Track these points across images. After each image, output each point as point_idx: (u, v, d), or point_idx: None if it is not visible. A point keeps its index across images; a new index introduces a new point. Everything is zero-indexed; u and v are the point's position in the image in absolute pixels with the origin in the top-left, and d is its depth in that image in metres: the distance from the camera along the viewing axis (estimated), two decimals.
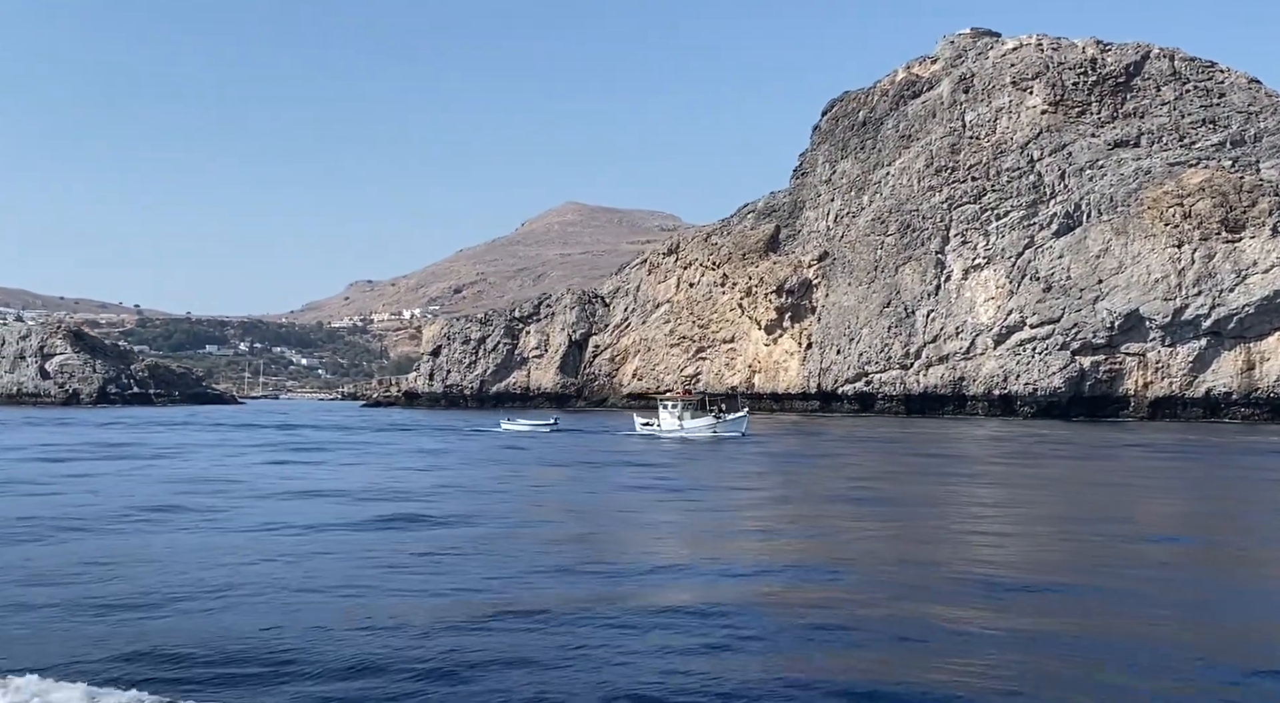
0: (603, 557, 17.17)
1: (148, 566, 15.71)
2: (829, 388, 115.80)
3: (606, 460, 41.28)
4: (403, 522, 21.30)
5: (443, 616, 12.40)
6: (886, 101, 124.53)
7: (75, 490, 27.41)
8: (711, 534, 20.76)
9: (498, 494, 27.94)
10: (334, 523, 20.94)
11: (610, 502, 26.48)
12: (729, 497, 27.93)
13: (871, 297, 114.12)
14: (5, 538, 18.48)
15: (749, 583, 15.04)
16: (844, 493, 28.84)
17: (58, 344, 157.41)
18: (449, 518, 22.00)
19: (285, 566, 15.87)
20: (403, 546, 18.03)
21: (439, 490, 28.66)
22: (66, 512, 22.31)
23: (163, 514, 22.28)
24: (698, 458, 43.98)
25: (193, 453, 44.80)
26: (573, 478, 33.75)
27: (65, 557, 16.54)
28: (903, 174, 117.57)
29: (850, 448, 51.70)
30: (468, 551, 17.54)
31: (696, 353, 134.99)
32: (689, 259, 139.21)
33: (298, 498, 26.15)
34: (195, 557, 16.59)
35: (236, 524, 20.74)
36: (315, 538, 18.88)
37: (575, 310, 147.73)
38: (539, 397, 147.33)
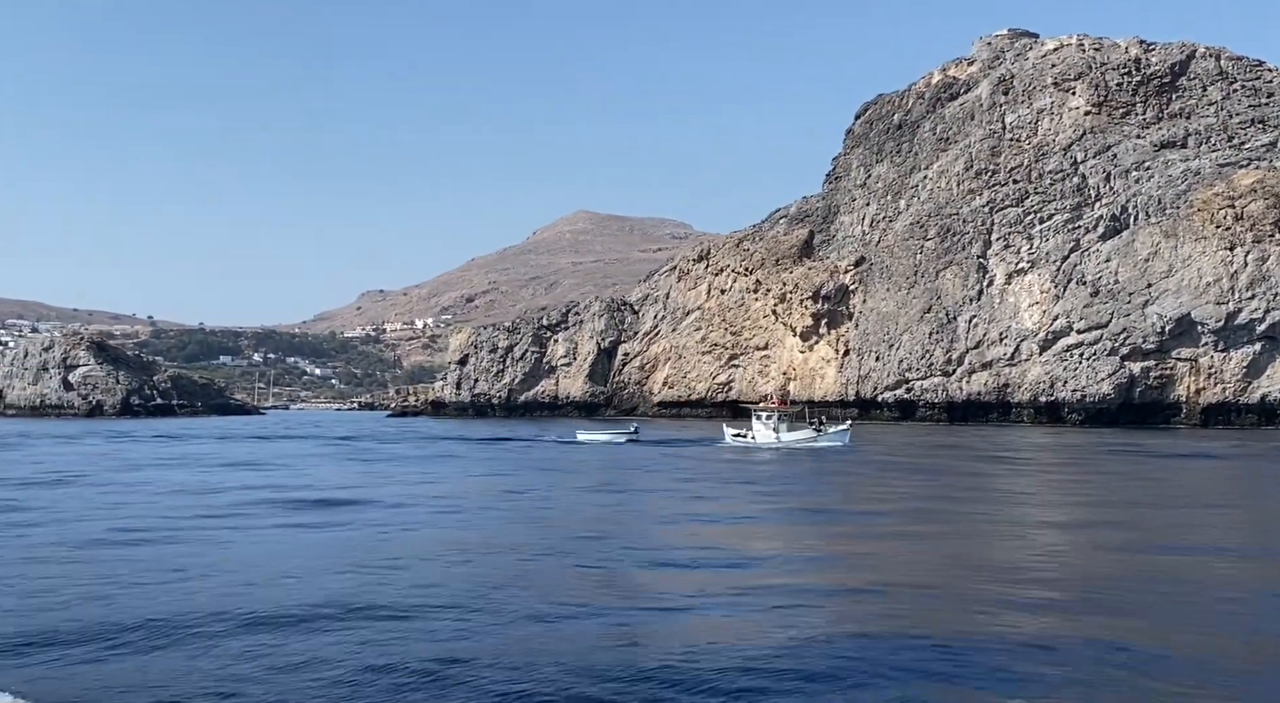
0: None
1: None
2: (868, 395, 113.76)
3: (728, 476, 38.61)
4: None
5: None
6: (923, 104, 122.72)
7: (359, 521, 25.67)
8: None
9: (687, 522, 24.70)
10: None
11: (820, 533, 23.77)
12: (941, 521, 25.03)
13: (911, 302, 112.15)
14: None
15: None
16: (1082, 518, 25.88)
17: (80, 355, 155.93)
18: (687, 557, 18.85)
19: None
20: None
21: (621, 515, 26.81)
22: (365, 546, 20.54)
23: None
24: (825, 474, 40.58)
25: (309, 464, 43.43)
26: (718, 495, 31.52)
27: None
28: (941, 177, 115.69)
29: (970, 461, 48.05)
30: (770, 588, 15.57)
31: (729, 360, 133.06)
32: (720, 265, 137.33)
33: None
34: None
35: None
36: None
37: (604, 318, 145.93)
38: (568, 405, 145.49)
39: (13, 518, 24.02)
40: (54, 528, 22.43)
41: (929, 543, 21.34)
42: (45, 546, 19.84)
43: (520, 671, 10.94)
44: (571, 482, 36.89)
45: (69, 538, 20.85)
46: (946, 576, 17.12)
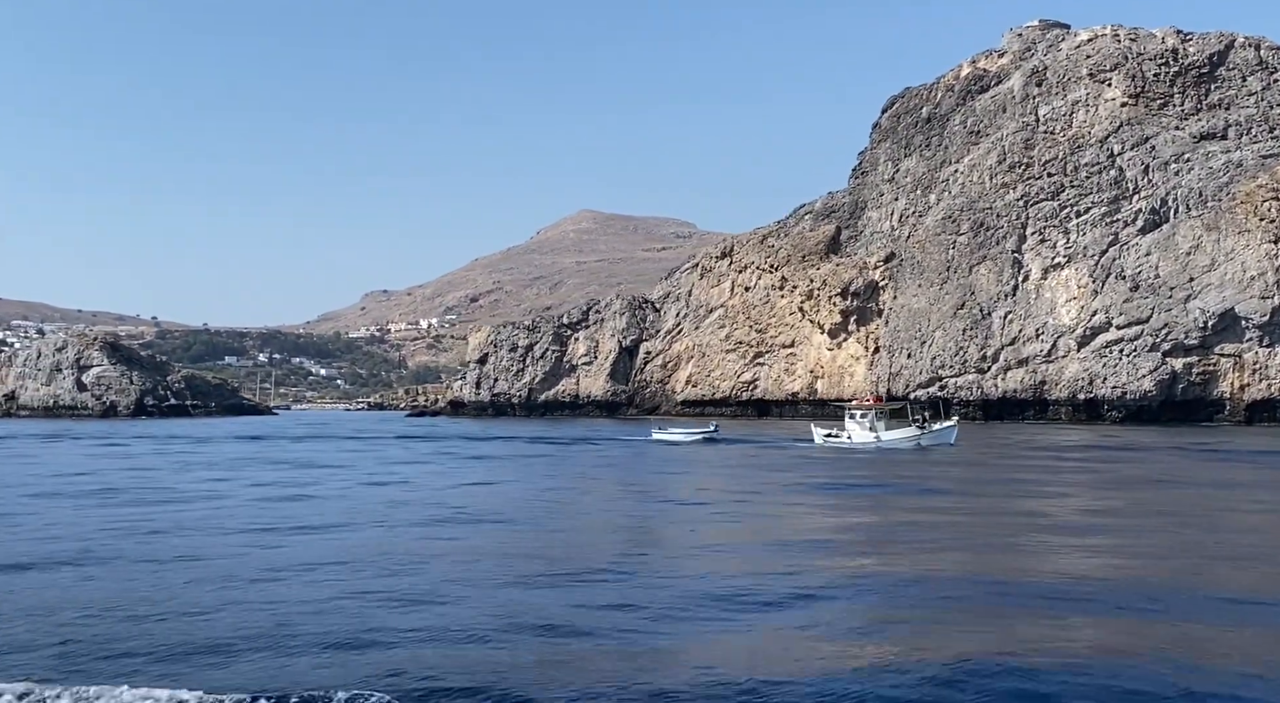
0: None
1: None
2: (900, 392, 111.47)
3: (886, 478, 35.97)
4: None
5: None
6: (952, 97, 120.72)
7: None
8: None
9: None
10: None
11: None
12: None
13: (944, 298, 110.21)
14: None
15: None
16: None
17: (94, 356, 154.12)
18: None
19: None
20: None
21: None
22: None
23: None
24: (974, 478, 36.66)
25: (418, 469, 41.77)
26: (877, 505, 29.36)
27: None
28: (973, 171, 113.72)
29: (1108, 463, 44.47)
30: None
31: (754, 358, 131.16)
32: (744, 262, 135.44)
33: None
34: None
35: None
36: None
37: (625, 316, 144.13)
38: (589, 405, 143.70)
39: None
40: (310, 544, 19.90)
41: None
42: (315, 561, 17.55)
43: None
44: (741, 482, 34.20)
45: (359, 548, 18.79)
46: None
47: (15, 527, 21.85)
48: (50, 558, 17.32)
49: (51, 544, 19.09)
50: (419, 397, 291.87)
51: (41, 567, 16.48)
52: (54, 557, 17.46)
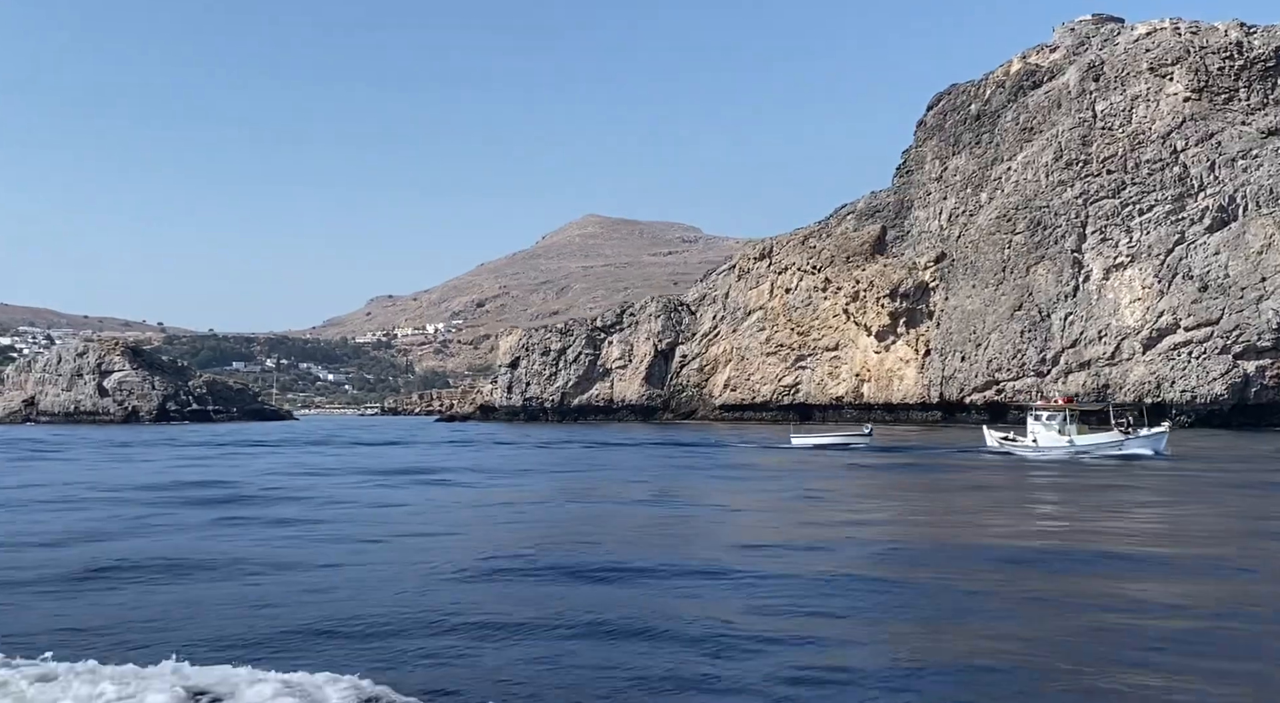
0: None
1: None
2: (953, 397, 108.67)
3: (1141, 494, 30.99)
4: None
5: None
6: (1003, 93, 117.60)
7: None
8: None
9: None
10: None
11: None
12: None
13: (1000, 299, 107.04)
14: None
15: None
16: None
17: (115, 361, 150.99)
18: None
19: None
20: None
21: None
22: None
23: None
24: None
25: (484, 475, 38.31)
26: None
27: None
28: (1027, 169, 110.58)
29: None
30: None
31: (796, 362, 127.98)
32: (784, 263, 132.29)
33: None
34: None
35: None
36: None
37: (660, 319, 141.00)
38: (623, 409, 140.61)
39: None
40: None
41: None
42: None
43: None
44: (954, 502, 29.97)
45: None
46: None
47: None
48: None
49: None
50: (434, 401, 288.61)
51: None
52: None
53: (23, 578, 15.42)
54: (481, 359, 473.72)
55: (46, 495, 30.03)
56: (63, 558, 17.44)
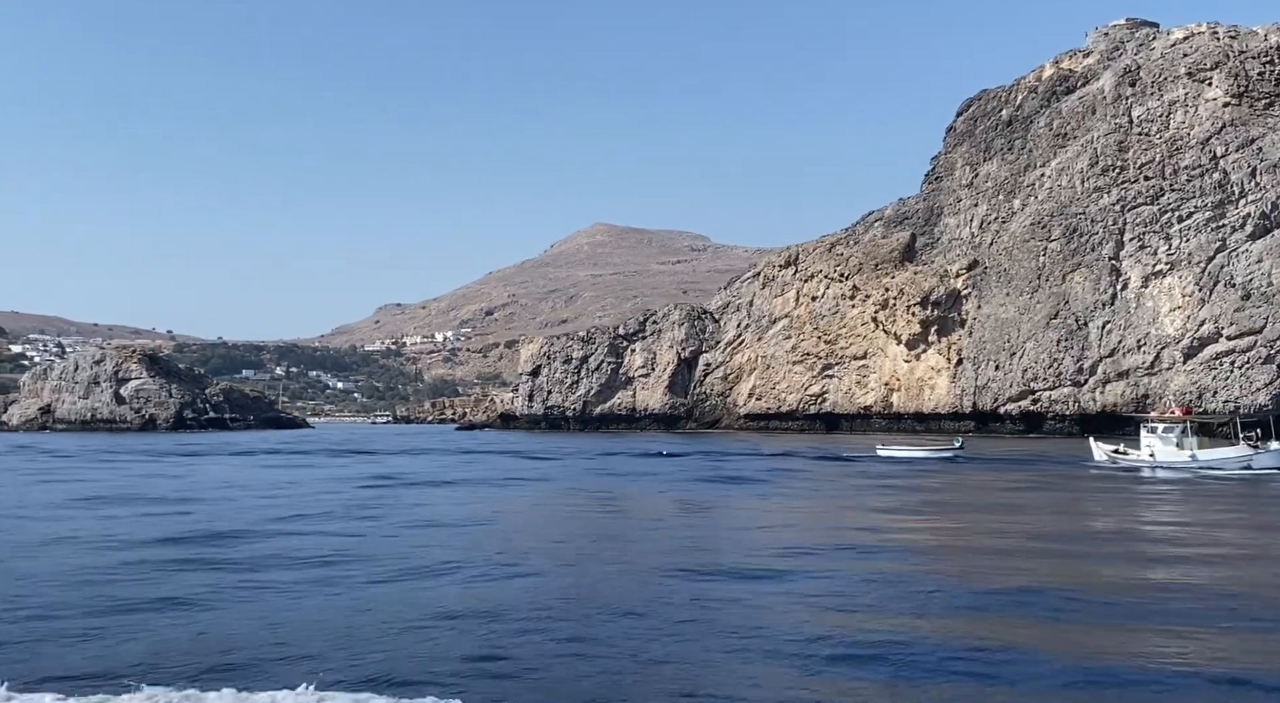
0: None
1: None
2: (987, 407, 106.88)
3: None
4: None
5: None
6: (1035, 99, 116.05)
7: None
8: None
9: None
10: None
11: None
12: None
13: (1035, 307, 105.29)
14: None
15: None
16: None
17: (132, 368, 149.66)
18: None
19: None
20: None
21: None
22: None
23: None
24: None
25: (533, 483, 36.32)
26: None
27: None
28: (1061, 175, 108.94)
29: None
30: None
31: (822, 371, 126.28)
32: (810, 271, 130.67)
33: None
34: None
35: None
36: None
37: (684, 327, 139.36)
38: (645, 418, 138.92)
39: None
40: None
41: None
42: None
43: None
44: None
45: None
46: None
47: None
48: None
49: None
50: (446, 410, 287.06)
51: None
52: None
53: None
54: (490, 368, 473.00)
55: (319, 500, 28.43)
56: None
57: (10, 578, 17.07)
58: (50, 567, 18.45)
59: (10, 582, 16.64)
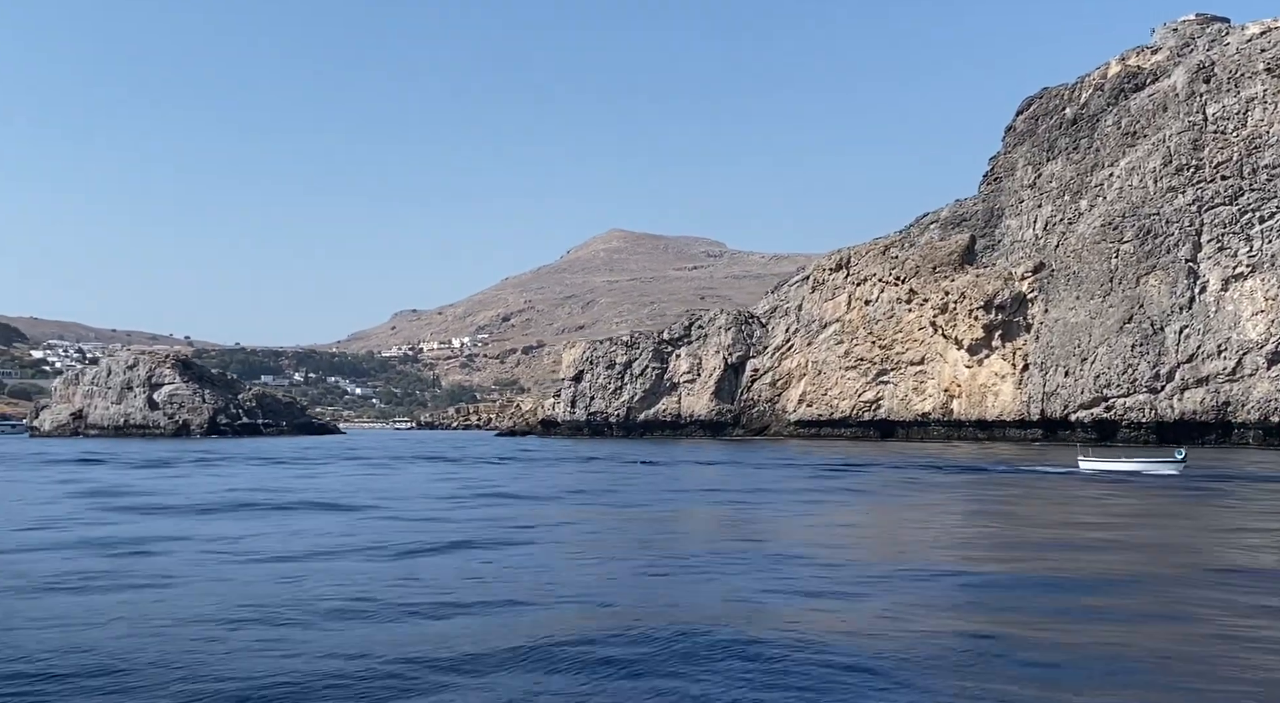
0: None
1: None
2: (1056, 414, 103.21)
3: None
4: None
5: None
6: (1101, 97, 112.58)
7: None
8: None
9: None
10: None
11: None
12: None
13: (1108, 311, 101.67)
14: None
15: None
16: None
17: (166, 373, 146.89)
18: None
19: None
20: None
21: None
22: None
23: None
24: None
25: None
26: None
27: None
28: (1132, 174, 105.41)
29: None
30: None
31: (877, 376, 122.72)
32: (863, 274, 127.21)
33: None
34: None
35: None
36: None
37: (731, 332, 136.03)
38: (691, 425, 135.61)
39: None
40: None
41: None
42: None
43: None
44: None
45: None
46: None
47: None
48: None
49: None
50: (470, 416, 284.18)
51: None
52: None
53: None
54: (508, 374, 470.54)
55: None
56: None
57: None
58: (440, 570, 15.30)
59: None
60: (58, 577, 16.59)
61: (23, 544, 21.11)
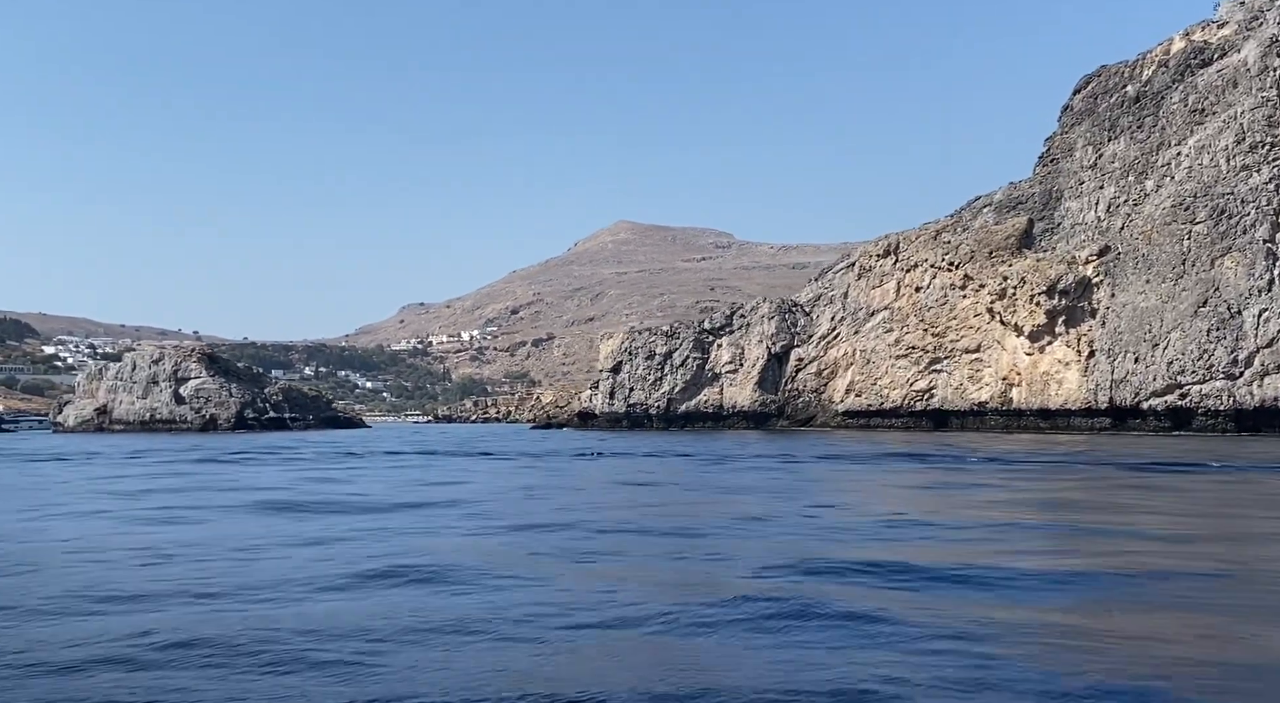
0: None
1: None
2: (1126, 402, 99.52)
3: None
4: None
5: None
6: (1166, 73, 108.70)
7: None
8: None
9: None
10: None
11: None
12: None
13: (1180, 294, 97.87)
14: None
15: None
16: None
17: (192, 367, 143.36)
18: None
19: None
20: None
21: None
22: None
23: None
24: None
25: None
26: None
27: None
28: (1202, 153, 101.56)
29: None
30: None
31: (930, 365, 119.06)
32: (913, 260, 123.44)
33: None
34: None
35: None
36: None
37: (774, 321, 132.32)
38: (733, 416, 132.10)
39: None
40: None
41: None
42: None
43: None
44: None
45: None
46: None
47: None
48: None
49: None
50: (489, 409, 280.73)
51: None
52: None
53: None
54: (519, 366, 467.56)
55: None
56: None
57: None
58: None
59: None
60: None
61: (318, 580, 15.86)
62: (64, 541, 19.47)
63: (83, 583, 14.25)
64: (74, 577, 14.85)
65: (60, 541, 19.52)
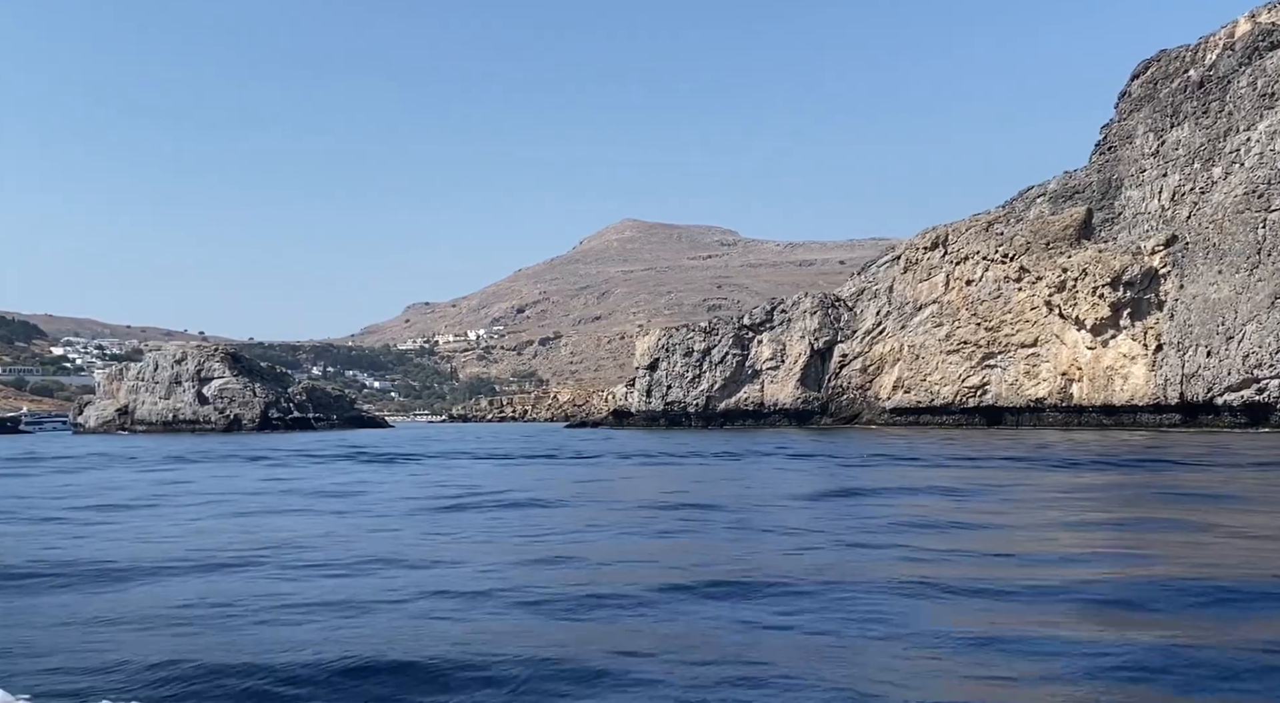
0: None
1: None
2: (1198, 398, 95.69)
3: None
4: None
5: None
6: (1232, 57, 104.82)
7: None
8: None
9: None
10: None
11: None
12: None
13: (1255, 286, 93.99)
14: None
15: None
16: None
17: (215, 367, 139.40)
18: None
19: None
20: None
21: None
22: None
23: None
24: None
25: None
26: None
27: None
28: (1274, 138, 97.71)
29: None
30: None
31: (983, 360, 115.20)
32: (963, 253, 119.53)
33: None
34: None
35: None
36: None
37: (816, 316, 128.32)
38: (775, 414, 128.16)
39: None
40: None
41: None
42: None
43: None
44: None
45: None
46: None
47: None
48: None
49: None
50: (506, 407, 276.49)
51: None
52: None
53: None
54: (526, 365, 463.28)
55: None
56: None
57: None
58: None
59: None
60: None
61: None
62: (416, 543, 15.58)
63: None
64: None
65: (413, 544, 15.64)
